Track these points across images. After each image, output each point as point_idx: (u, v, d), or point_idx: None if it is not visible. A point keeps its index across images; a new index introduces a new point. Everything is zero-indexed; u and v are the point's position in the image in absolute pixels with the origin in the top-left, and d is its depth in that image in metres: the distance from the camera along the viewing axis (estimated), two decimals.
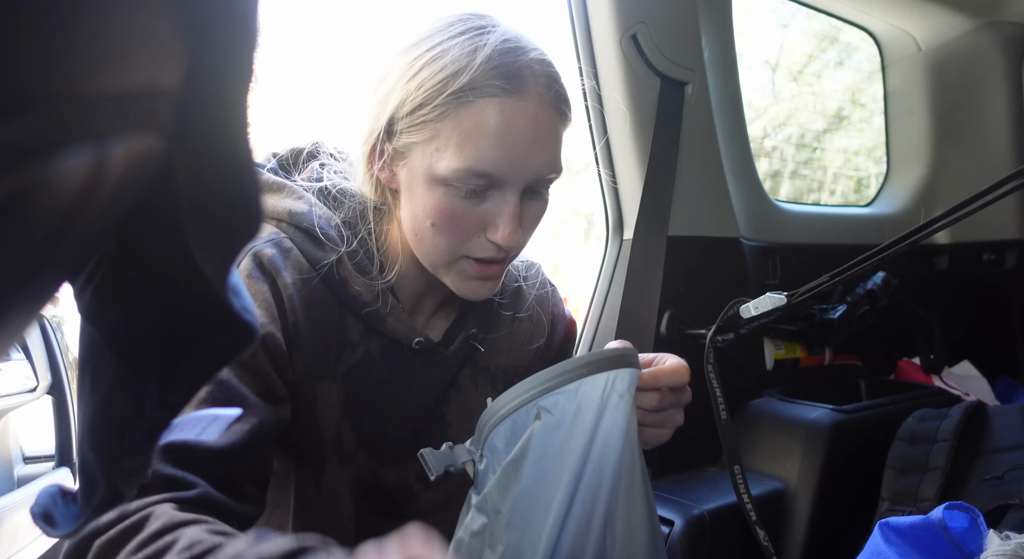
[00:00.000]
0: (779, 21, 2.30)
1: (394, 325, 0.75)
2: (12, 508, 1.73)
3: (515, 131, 0.65)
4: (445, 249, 0.70)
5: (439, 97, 0.64)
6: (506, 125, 0.65)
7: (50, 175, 0.18)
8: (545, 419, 0.60)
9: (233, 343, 0.31)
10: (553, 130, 0.69)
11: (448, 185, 0.67)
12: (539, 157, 0.68)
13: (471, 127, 0.64)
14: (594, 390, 0.60)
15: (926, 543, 0.73)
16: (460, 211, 0.67)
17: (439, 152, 0.66)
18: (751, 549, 1.14)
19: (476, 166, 0.65)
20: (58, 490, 0.43)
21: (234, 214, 0.27)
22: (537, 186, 0.71)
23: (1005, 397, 1.78)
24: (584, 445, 0.59)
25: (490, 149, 0.65)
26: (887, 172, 2.00)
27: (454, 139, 0.65)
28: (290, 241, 0.72)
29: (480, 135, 0.64)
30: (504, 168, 0.66)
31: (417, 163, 0.68)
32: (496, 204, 0.68)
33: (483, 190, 0.67)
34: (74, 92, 0.18)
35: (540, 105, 0.67)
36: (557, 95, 0.69)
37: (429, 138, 0.66)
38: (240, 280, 0.32)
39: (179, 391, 0.32)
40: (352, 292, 0.73)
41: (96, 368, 0.33)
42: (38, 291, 0.22)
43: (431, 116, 0.65)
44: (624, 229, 1.34)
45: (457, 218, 0.68)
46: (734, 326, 1.25)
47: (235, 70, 0.24)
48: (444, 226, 0.68)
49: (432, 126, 0.65)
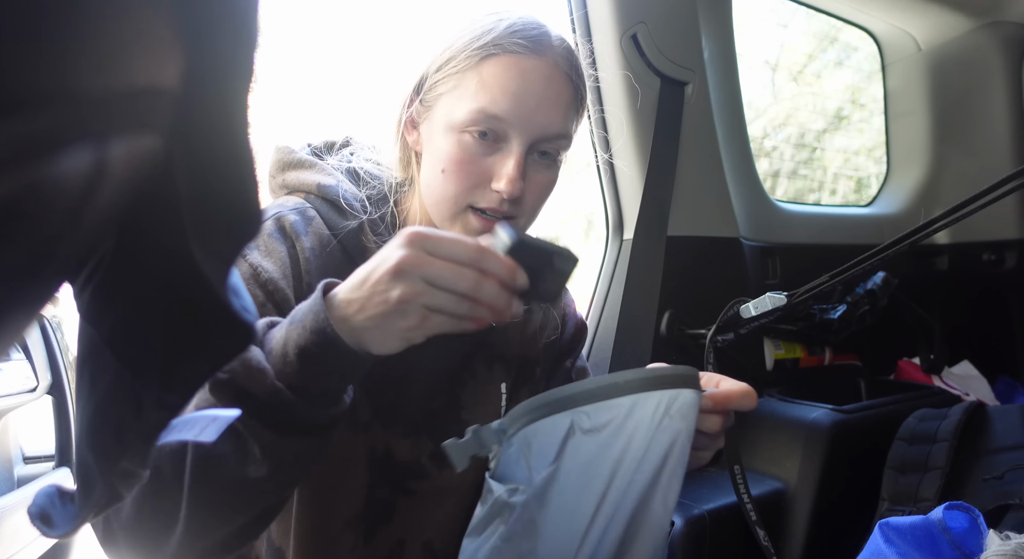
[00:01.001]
0: (779, 21, 2.30)
1: None
2: (12, 508, 1.73)
3: (528, 83, 0.71)
4: (452, 196, 0.73)
5: (464, 51, 0.72)
6: (521, 77, 0.71)
7: (50, 175, 0.18)
8: (590, 431, 0.58)
9: (233, 343, 0.31)
10: (564, 95, 0.74)
11: (462, 132, 0.72)
12: (547, 113, 0.72)
13: (489, 75, 0.71)
14: (647, 409, 0.58)
15: (926, 543, 0.73)
16: (469, 158, 0.72)
17: (459, 100, 0.72)
18: (751, 549, 1.14)
19: (488, 108, 0.70)
20: (55, 490, 0.43)
21: (234, 214, 0.27)
22: (544, 146, 0.74)
23: (1005, 397, 1.78)
24: (632, 466, 0.57)
25: (503, 94, 0.70)
26: (887, 172, 2.00)
27: (473, 86, 0.71)
28: (315, 211, 0.77)
29: (496, 82, 0.71)
30: (513, 115, 0.71)
31: (438, 114, 0.74)
32: (503, 154, 0.73)
33: (493, 140, 0.72)
34: (74, 92, 0.18)
35: (556, 70, 0.73)
36: (572, 68, 0.75)
37: (452, 88, 0.72)
38: (240, 280, 0.31)
39: (178, 391, 0.32)
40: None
41: (96, 368, 0.33)
42: (38, 291, 0.22)
43: (457, 69, 0.72)
44: (624, 229, 1.34)
45: (466, 164, 0.72)
46: (734, 326, 1.25)
47: (235, 70, 0.24)
48: (453, 171, 0.72)
49: (456, 77, 0.72)
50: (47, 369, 2.05)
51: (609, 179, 1.34)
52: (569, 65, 0.75)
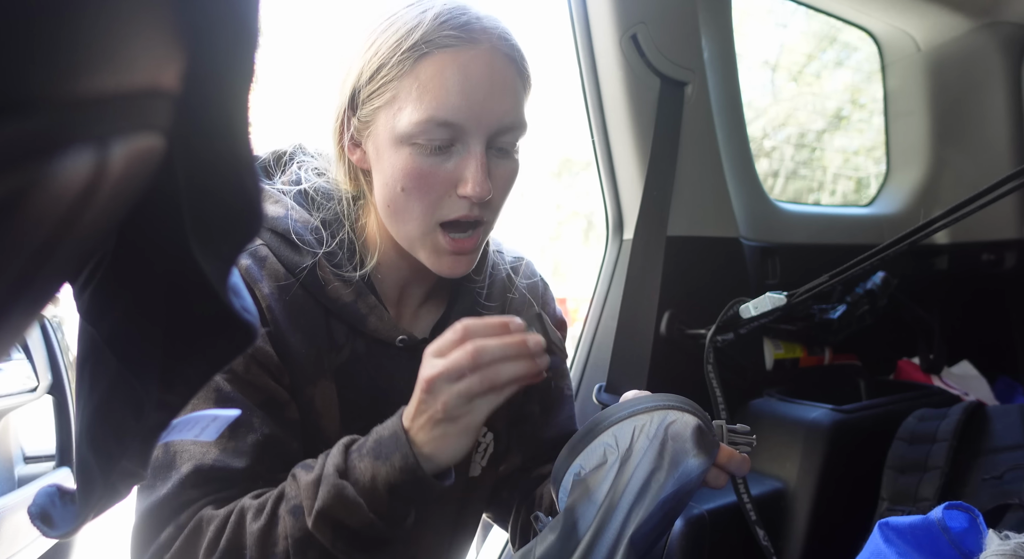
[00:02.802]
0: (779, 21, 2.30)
1: (376, 324, 0.75)
2: (12, 508, 1.73)
3: (471, 77, 0.66)
4: (419, 215, 0.70)
5: (394, 56, 0.66)
6: (462, 72, 0.66)
7: (50, 175, 0.18)
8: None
9: (233, 343, 0.31)
10: (511, 81, 0.70)
11: (413, 143, 0.67)
12: (499, 104, 0.68)
13: (427, 78, 0.66)
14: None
15: (926, 543, 0.73)
16: (428, 170, 0.68)
17: (400, 110, 0.67)
18: (751, 549, 1.14)
19: (436, 115, 0.66)
20: (56, 490, 0.43)
21: (234, 214, 0.27)
22: (501, 140, 0.71)
23: (1005, 397, 1.78)
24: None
25: (448, 96, 0.66)
26: (887, 172, 2.00)
27: (413, 93, 0.66)
28: (266, 248, 0.73)
29: (437, 84, 0.66)
30: (464, 115, 0.66)
31: (381, 129, 0.69)
32: (462, 158, 0.69)
33: (448, 145, 0.68)
34: (74, 92, 0.18)
35: (494, 54, 0.68)
36: (512, 48, 0.71)
37: (390, 99, 0.67)
38: (240, 280, 0.31)
39: (179, 391, 0.32)
40: (331, 295, 0.73)
41: (96, 368, 0.33)
42: (38, 291, 0.22)
43: (389, 77, 0.67)
44: (624, 229, 1.34)
45: (426, 177, 0.68)
46: (734, 326, 1.25)
47: (235, 70, 0.24)
48: (414, 187, 0.69)
49: (392, 86, 0.67)
50: (47, 369, 2.05)
51: (609, 179, 1.34)
52: (507, 45, 0.70)
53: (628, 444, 0.61)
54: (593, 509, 0.60)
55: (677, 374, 1.29)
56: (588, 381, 1.28)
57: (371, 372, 0.76)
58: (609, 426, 0.63)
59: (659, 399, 0.63)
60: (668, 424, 0.61)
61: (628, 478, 0.59)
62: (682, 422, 0.62)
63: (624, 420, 0.62)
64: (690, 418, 0.63)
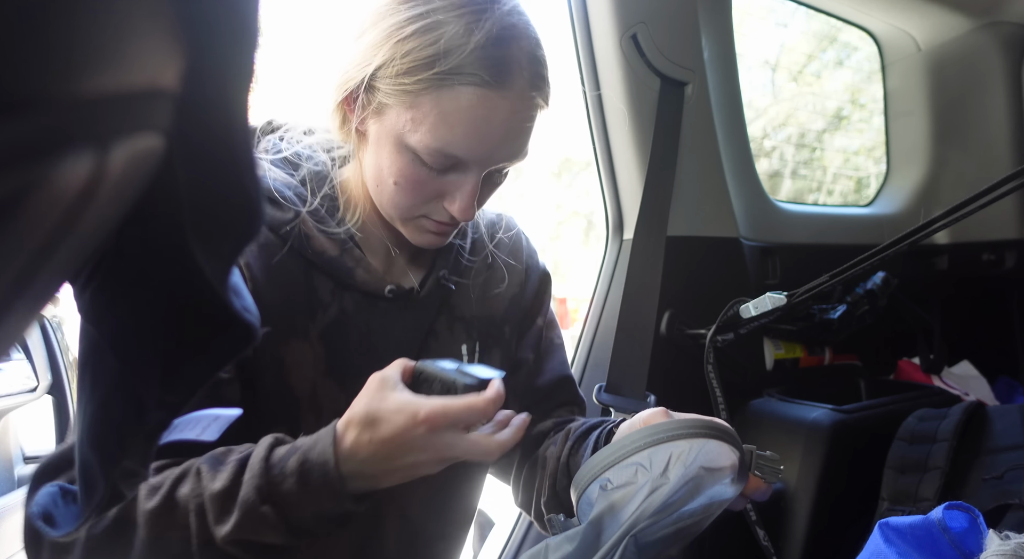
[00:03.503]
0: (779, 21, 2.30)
1: (363, 276, 0.76)
2: (12, 508, 1.73)
3: (492, 124, 0.66)
4: (405, 208, 0.72)
5: (425, 72, 0.64)
6: (485, 118, 0.66)
7: (50, 175, 0.18)
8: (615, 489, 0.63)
9: (233, 343, 0.31)
10: (529, 123, 0.70)
11: (416, 155, 0.68)
12: (511, 148, 0.70)
13: (450, 110, 0.65)
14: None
15: (926, 543, 0.73)
16: (424, 178, 0.69)
17: (414, 124, 0.66)
18: (751, 549, 1.14)
19: (447, 149, 0.67)
20: (58, 490, 0.43)
21: (234, 214, 0.27)
22: (502, 168, 0.73)
23: (1005, 397, 1.78)
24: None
25: (465, 137, 0.66)
26: (887, 172, 2.00)
27: (431, 117, 0.65)
28: None
29: (457, 120, 0.65)
30: (474, 156, 0.68)
31: (390, 124, 0.68)
32: (458, 179, 0.70)
33: (449, 167, 0.69)
34: (74, 92, 0.18)
35: (521, 100, 0.67)
36: (540, 87, 0.69)
37: (407, 106, 0.66)
38: (240, 280, 0.31)
39: (179, 391, 0.32)
40: (317, 248, 0.74)
41: (96, 368, 0.33)
42: (39, 291, 0.22)
43: (413, 88, 0.65)
44: (624, 229, 1.34)
45: (420, 184, 0.70)
46: (734, 326, 1.25)
47: (235, 70, 0.24)
48: (406, 187, 0.70)
49: (412, 97, 0.66)
50: (47, 369, 2.05)
51: (609, 179, 1.34)
52: (535, 86, 0.68)
53: (663, 469, 0.60)
54: (615, 526, 0.60)
55: (677, 374, 1.29)
56: (588, 381, 1.28)
57: (361, 329, 0.76)
58: (645, 447, 0.62)
59: (698, 425, 0.63)
60: (705, 454, 0.61)
61: (656, 504, 0.59)
62: (719, 454, 0.62)
63: (662, 443, 0.62)
64: (727, 450, 0.62)
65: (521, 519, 1.25)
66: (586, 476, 0.64)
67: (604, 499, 0.61)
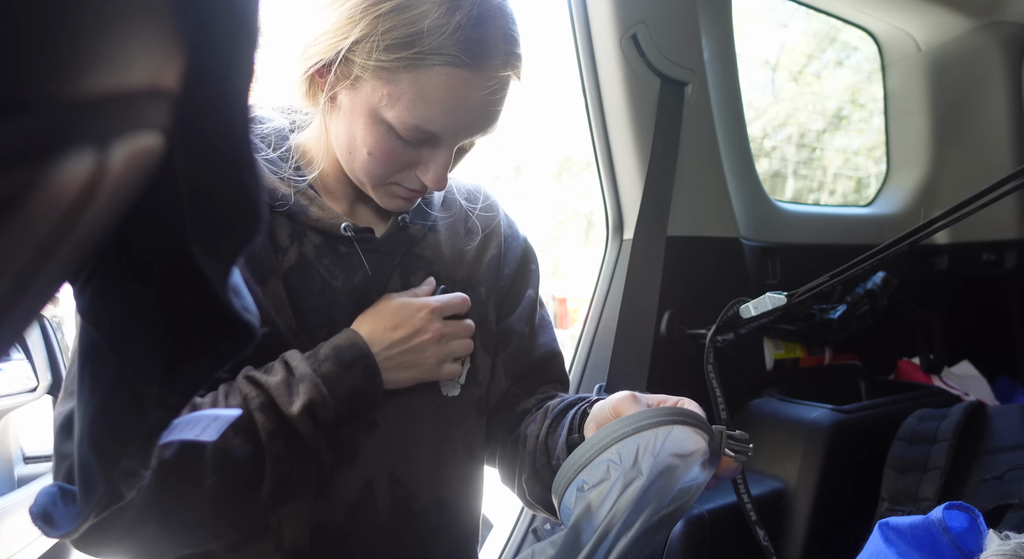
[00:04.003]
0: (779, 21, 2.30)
1: (317, 213, 0.76)
2: (12, 508, 1.73)
3: (469, 103, 0.68)
4: (378, 176, 0.74)
5: (405, 51, 0.65)
6: (462, 97, 0.68)
7: (50, 175, 0.18)
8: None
9: (233, 343, 0.31)
10: (502, 102, 0.72)
11: (391, 128, 0.69)
12: (484, 123, 0.72)
13: (428, 89, 0.66)
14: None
15: (926, 543, 0.73)
16: (398, 150, 0.71)
17: (391, 99, 0.67)
18: (751, 549, 1.14)
19: (424, 125, 0.68)
20: (57, 490, 0.43)
21: (234, 214, 0.27)
22: (473, 140, 0.75)
23: (1005, 397, 1.78)
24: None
25: (442, 116, 0.68)
26: (887, 172, 2.00)
27: (409, 94, 0.67)
28: None
29: (435, 99, 0.67)
30: (449, 131, 0.70)
31: (365, 96, 0.69)
32: (432, 151, 0.72)
33: (423, 140, 0.71)
34: (74, 92, 0.18)
35: (496, 78, 0.69)
36: (514, 65, 0.71)
37: (384, 81, 0.67)
38: (240, 280, 0.31)
39: (179, 391, 0.32)
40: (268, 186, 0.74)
41: (96, 368, 0.33)
42: (38, 291, 0.22)
43: (391, 65, 0.66)
44: (624, 229, 1.34)
45: (394, 155, 0.71)
46: (734, 326, 1.25)
47: (235, 70, 0.24)
48: (380, 158, 0.72)
49: (389, 74, 0.67)
50: (47, 369, 2.05)
51: (609, 179, 1.34)
52: (510, 64, 0.70)
53: (632, 462, 0.61)
54: (594, 525, 0.60)
55: (677, 374, 1.29)
56: (588, 381, 1.28)
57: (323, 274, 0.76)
58: (612, 443, 0.62)
59: (662, 414, 0.63)
60: (673, 441, 0.61)
61: (631, 497, 0.59)
62: (687, 439, 0.62)
63: (628, 437, 0.62)
64: (695, 435, 0.63)
65: (520, 521, 1.25)
66: (562, 481, 0.65)
67: (581, 501, 0.61)
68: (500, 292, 0.90)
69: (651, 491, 0.60)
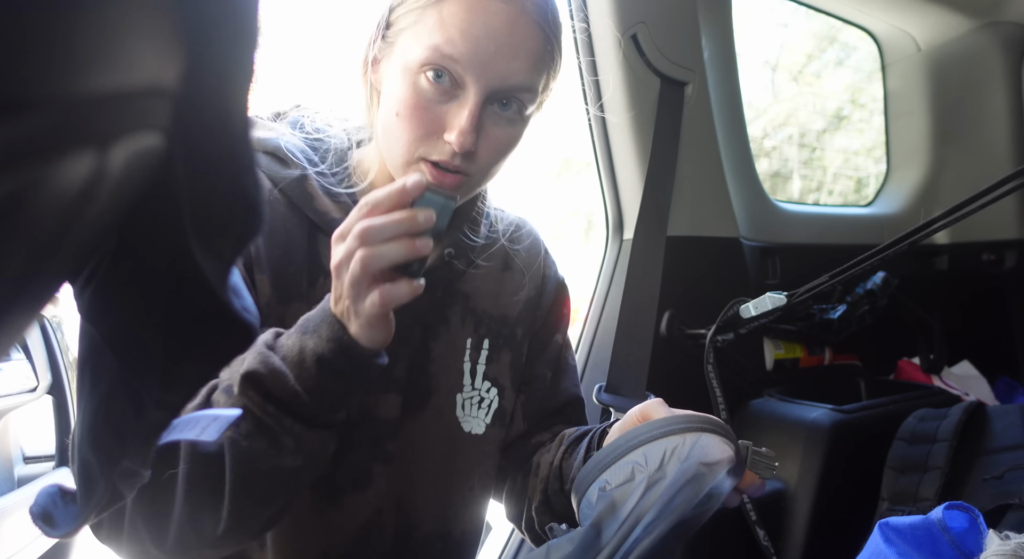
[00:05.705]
0: (779, 21, 2.30)
1: None
2: (12, 508, 1.73)
3: (490, 27, 0.67)
4: (405, 143, 0.71)
5: None
6: (482, 18, 0.67)
7: (50, 175, 0.18)
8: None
9: (233, 343, 0.31)
10: (531, 46, 0.70)
11: (417, 73, 0.69)
12: (507, 63, 0.69)
13: (449, 14, 0.67)
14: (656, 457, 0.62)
15: (926, 543, 0.73)
16: (424, 104, 0.69)
17: (416, 38, 0.68)
18: (751, 549, 1.14)
19: (442, 46, 0.67)
20: (57, 490, 0.43)
21: (234, 214, 0.27)
22: (504, 96, 0.71)
23: (1005, 397, 1.78)
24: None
25: (460, 36, 0.67)
26: (887, 172, 2.00)
27: (431, 23, 0.68)
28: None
29: (454, 22, 0.67)
30: (468, 58, 0.67)
31: (398, 52, 0.70)
32: (458, 105, 0.69)
33: (449, 86, 0.69)
34: (74, 92, 0.18)
35: (523, 15, 0.68)
36: (545, 18, 0.71)
37: (412, 23, 0.69)
38: (240, 280, 0.31)
39: (179, 391, 0.32)
40: (319, 208, 0.74)
41: (96, 368, 0.33)
42: (39, 291, 0.22)
43: (418, 3, 0.68)
44: (624, 229, 1.34)
45: (420, 111, 0.69)
46: (734, 326, 1.25)
47: (235, 70, 0.24)
48: (407, 116, 0.70)
49: (417, 12, 0.69)
50: (47, 369, 2.05)
51: (609, 179, 1.34)
52: (540, 13, 0.70)
53: (658, 465, 0.60)
54: (615, 525, 0.60)
55: (677, 374, 1.29)
56: (588, 381, 1.28)
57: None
58: (640, 445, 0.62)
59: (692, 420, 0.63)
60: (701, 448, 0.61)
61: (655, 499, 0.59)
62: (715, 447, 0.62)
63: (656, 440, 0.62)
64: (723, 444, 0.62)
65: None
66: (585, 480, 0.64)
67: (604, 500, 0.61)
68: (533, 332, 0.90)
69: (678, 497, 0.60)
